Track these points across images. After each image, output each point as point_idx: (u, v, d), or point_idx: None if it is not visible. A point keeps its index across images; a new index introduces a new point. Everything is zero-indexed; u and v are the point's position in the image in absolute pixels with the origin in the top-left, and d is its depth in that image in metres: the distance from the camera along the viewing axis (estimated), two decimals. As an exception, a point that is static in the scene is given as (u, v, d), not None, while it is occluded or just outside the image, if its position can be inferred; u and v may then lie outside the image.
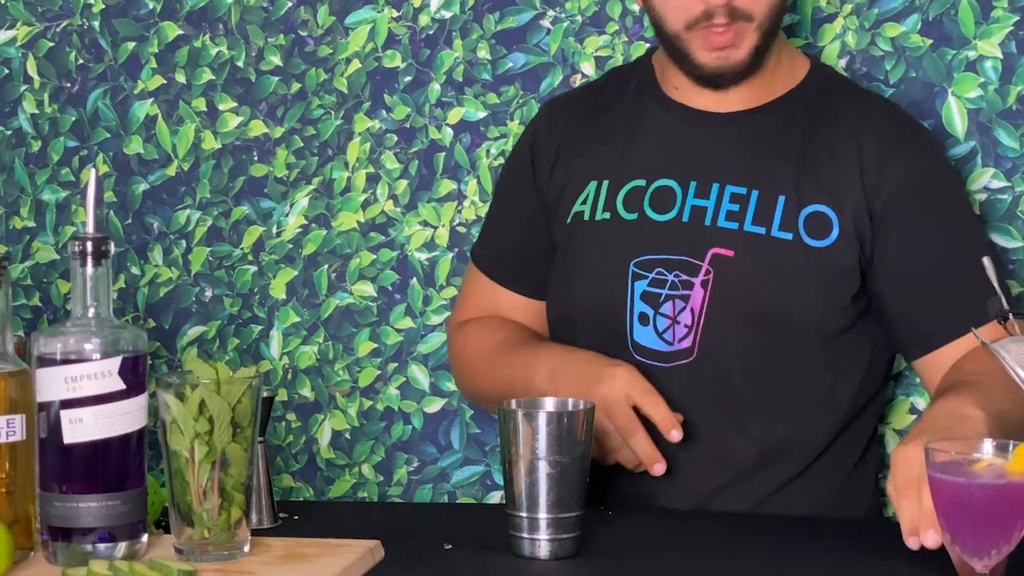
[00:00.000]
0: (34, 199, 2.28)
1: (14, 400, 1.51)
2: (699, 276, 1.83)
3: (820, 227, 1.83)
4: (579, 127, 1.95)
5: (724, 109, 1.89)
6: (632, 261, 1.85)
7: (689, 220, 1.85)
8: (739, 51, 1.83)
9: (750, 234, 1.83)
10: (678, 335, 1.83)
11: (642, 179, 1.88)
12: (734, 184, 1.85)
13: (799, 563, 1.56)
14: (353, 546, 1.55)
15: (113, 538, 1.50)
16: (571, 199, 1.92)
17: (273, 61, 2.22)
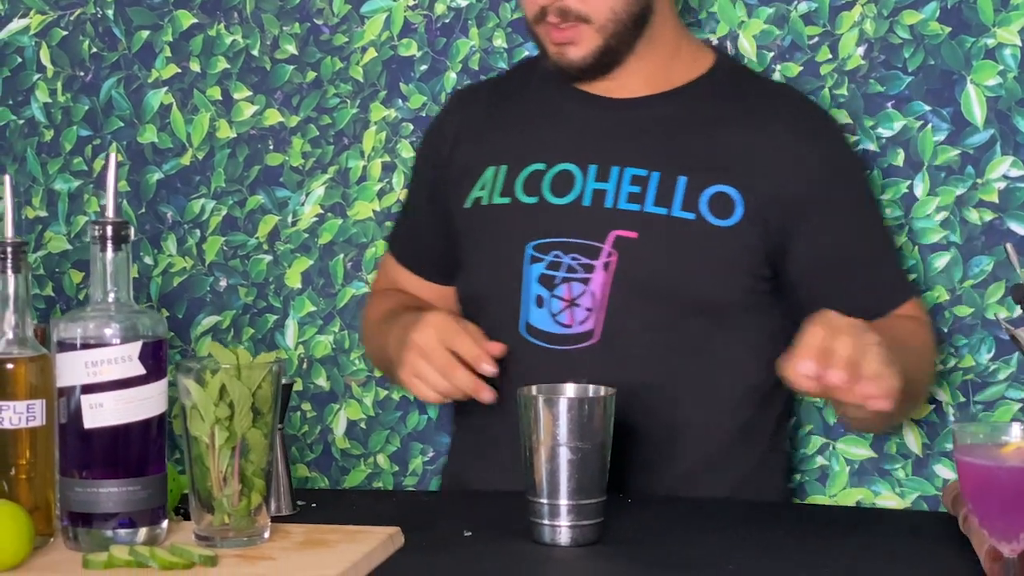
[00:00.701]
0: (46, 189, 2.27)
1: (34, 385, 1.50)
2: (601, 259, 1.84)
3: (723, 207, 1.85)
4: (479, 114, 1.97)
5: (623, 95, 1.91)
6: (530, 244, 1.86)
7: (590, 203, 1.86)
8: (578, 49, 1.85)
9: (652, 215, 1.84)
10: (578, 318, 1.84)
11: (542, 163, 1.90)
12: (634, 166, 1.87)
13: (822, 550, 1.56)
14: (373, 532, 1.55)
15: (133, 524, 1.49)
16: (469, 185, 1.94)
17: (288, 49, 2.22)
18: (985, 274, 2.06)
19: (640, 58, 1.89)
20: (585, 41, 1.85)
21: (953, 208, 2.06)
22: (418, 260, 2.03)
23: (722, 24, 2.11)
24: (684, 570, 1.49)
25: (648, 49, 1.89)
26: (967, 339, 2.06)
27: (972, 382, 2.07)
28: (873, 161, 2.08)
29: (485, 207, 1.91)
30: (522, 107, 1.95)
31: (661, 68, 1.91)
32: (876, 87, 2.08)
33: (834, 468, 2.10)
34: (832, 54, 2.09)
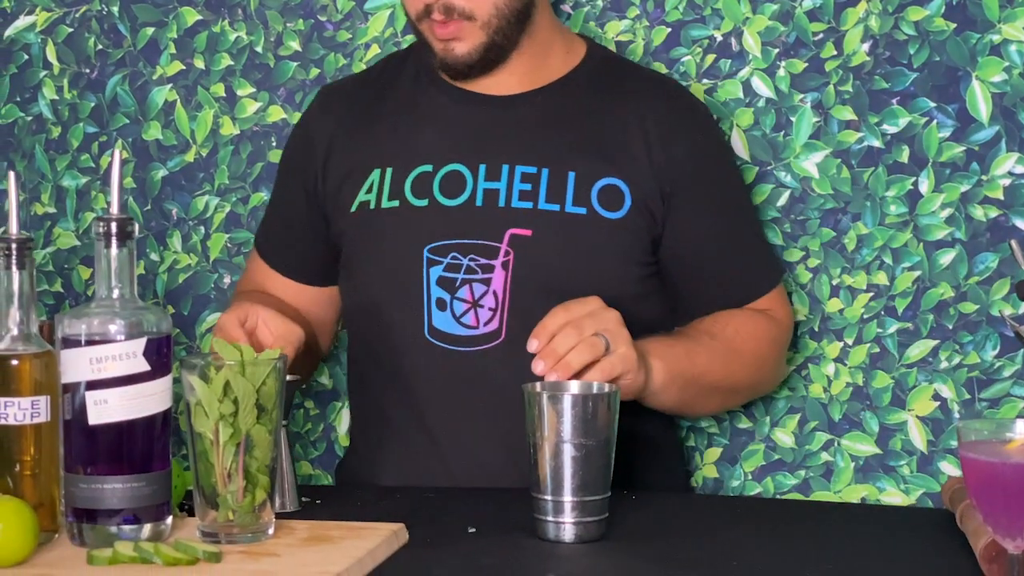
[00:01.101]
0: (54, 185, 2.27)
1: (39, 382, 1.51)
2: (499, 258, 1.85)
3: (613, 199, 1.87)
4: (355, 115, 1.96)
5: (502, 92, 1.91)
6: (426, 247, 1.86)
7: (483, 203, 1.87)
8: (463, 45, 1.85)
9: (545, 212, 1.86)
10: (482, 318, 1.85)
11: (429, 164, 1.90)
12: (524, 164, 1.87)
13: (826, 549, 1.56)
14: (378, 529, 1.55)
15: (138, 520, 1.49)
16: (354, 188, 1.92)
17: (292, 46, 2.22)
18: (990, 271, 2.06)
19: (520, 53, 1.90)
20: (469, 37, 1.85)
21: (958, 205, 2.06)
22: (290, 264, 1.99)
23: (726, 20, 2.10)
24: (688, 566, 1.49)
25: (527, 44, 1.90)
26: (972, 336, 2.06)
27: (977, 379, 2.07)
28: (878, 157, 2.08)
29: (373, 211, 1.90)
30: (400, 106, 1.94)
31: (539, 62, 1.92)
32: (881, 83, 2.07)
33: (839, 465, 2.10)
34: (837, 50, 2.08)
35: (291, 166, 2.00)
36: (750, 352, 1.90)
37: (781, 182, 2.10)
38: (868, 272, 2.09)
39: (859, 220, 2.08)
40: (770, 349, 1.94)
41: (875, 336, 2.09)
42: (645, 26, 2.13)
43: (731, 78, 2.11)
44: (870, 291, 2.09)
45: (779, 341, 1.96)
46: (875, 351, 2.09)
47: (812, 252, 2.10)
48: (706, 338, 1.86)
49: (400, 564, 1.50)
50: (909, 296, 2.08)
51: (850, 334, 2.10)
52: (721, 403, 1.96)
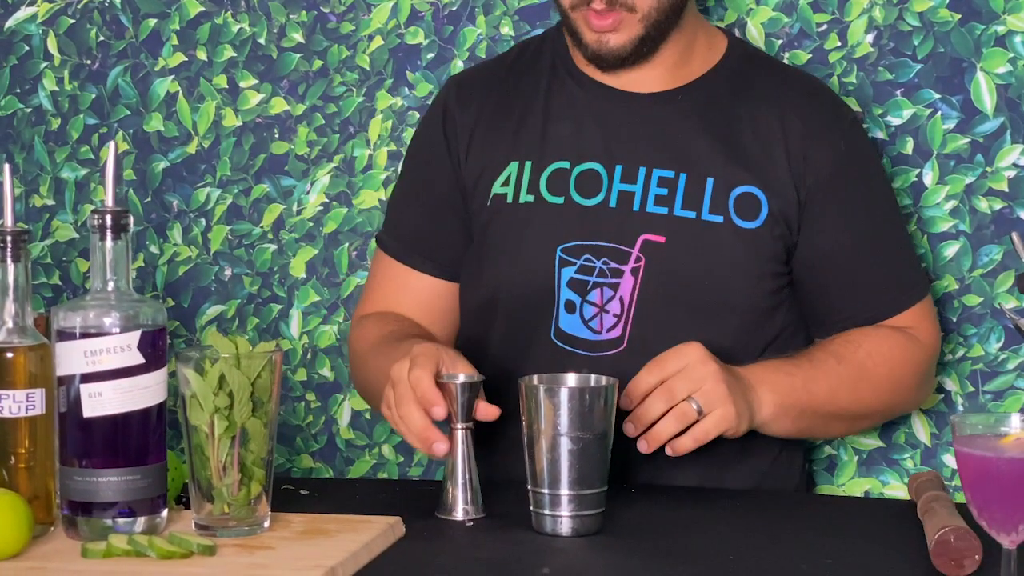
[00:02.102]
0: (53, 177, 2.27)
1: (34, 374, 1.50)
2: (629, 263, 1.81)
3: (750, 208, 1.82)
4: (494, 105, 1.90)
5: (644, 89, 1.86)
6: (559, 247, 1.82)
7: (617, 205, 1.82)
8: (619, 37, 1.80)
9: (680, 219, 1.81)
10: (606, 324, 1.81)
11: (565, 161, 1.85)
12: (661, 168, 1.83)
13: (823, 542, 1.55)
14: (374, 522, 1.54)
15: (133, 513, 1.49)
16: (490, 180, 1.87)
17: (295, 38, 2.21)
18: (995, 263, 2.05)
19: (667, 48, 1.85)
20: (627, 29, 1.80)
21: (962, 197, 2.05)
22: (436, 260, 1.92)
23: (730, 11, 2.09)
24: (685, 560, 1.49)
25: (675, 39, 1.85)
26: (976, 328, 2.05)
27: (981, 371, 2.06)
28: (882, 149, 2.07)
29: (510, 205, 1.85)
30: (536, 97, 1.89)
31: (683, 58, 1.87)
32: (885, 75, 2.06)
33: (842, 458, 2.09)
34: (841, 41, 2.07)
35: (429, 159, 1.92)
36: (883, 376, 1.83)
37: (784, 174, 2.09)
38: (871, 264, 2.07)
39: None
40: (909, 372, 1.86)
41: (878, 329, 2.08)
42: (648, 17, 2.12)
43: (734, 69, 2.09)
44: (873, 284, 2.08)
45: (920, 363, 1.87)
46: (878, 344, 2.08)
47: (815, 244, 2.09)
48: (832, 362, 1.79)
49: (397, 558, 1.50)
50: (913, 289, 2.06)
51: (853, 327, 2.08)
52: (847, 428, 1.91)
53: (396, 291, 1.94)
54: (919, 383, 1.89)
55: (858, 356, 1.81)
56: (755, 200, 1.82)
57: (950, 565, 1.41)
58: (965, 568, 1.41)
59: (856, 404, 1.82)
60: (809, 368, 1.78)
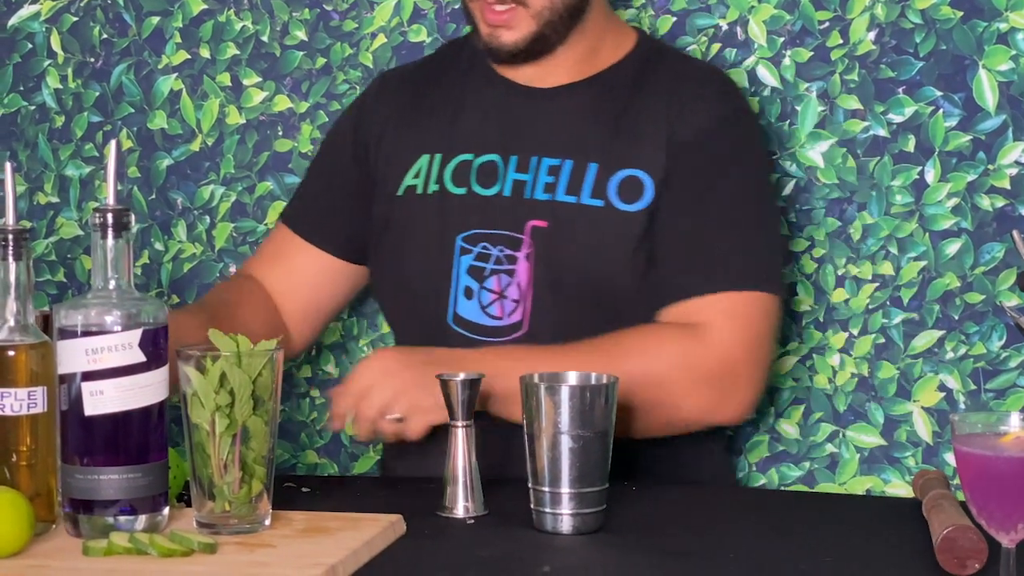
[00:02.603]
0: (58, 175, 2.28)
1: (35, 372, 1.51)
2: (522, 250, 1.85)
3: (633, 192, 1.85)
4: (409, 100, 1.96)
5: (548, 84, 1.90)
6: (459, 235, 1.87)
7: (511, 194, 1.87)
8: (511, 33, 1.85)
9: (562, 204, 1.85)
10: (507, 309, 1.85)
11: (469, 153, 1.90)
12: (550, 156, 1.87)
13: (824, 540, 1.55)
14: (375, 520, 1.54)
15: (134, 511, 1.49)
16: (402, 172, 1.93)
17: (298, 36, 2.21)
18: (996, 261, 2.05)
19: (569, 46, 1.89)
20: (520, 26, 1.85)
21: (964, 194, 2.05)
22: (327, 235, 1.98)
23: (732, 9, 2.09)
24: (686, 558, 1.49)
25: (578, 37, 1.89)
26: (978, 326, 2.05)
27: (983, 369, 2.06)
28: (884, 147, 2.07)
29: (419, 196, 1.91)
30: (450, 94, 1.95)
31: (587, 55, 1.91)
32: (887, 72, 2.06)
33: (844, 456, 2.09)
34: (843, 39, 2.07)
35: (344, 141, 1.99)
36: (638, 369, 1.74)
37: (786, 171, 2.09)
38: (873, 262, 2.08)
39: (865, 210, 2.07)
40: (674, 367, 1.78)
41: (880, 326, 2.08)
42: (651, 15, 2.12)
43: (736, 67, 2.10)
44: (875, 281, 2.08)
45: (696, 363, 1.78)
46: (880, 342, 2.08)
47: (817, 242, 2.09)
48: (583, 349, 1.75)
49: (397, 555, 1.50)
50: (915, 286, 2.07)
51: (855, 324, 2.09)
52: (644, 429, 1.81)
53: (285, 259, 1.99)
54: (698, 383, 1.79)
55: (619, 348, 1.76)
56: (639, 184, 1.85)
57: (953, 563, 1.41)
58: (967, 568, 1.41)
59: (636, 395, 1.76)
60: (549, 355, 1.74)
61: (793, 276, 2.09)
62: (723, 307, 1.80)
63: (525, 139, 1.89)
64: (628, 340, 1.79)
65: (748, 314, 1.81)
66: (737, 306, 1.81)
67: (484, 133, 1.91)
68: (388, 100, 1.97)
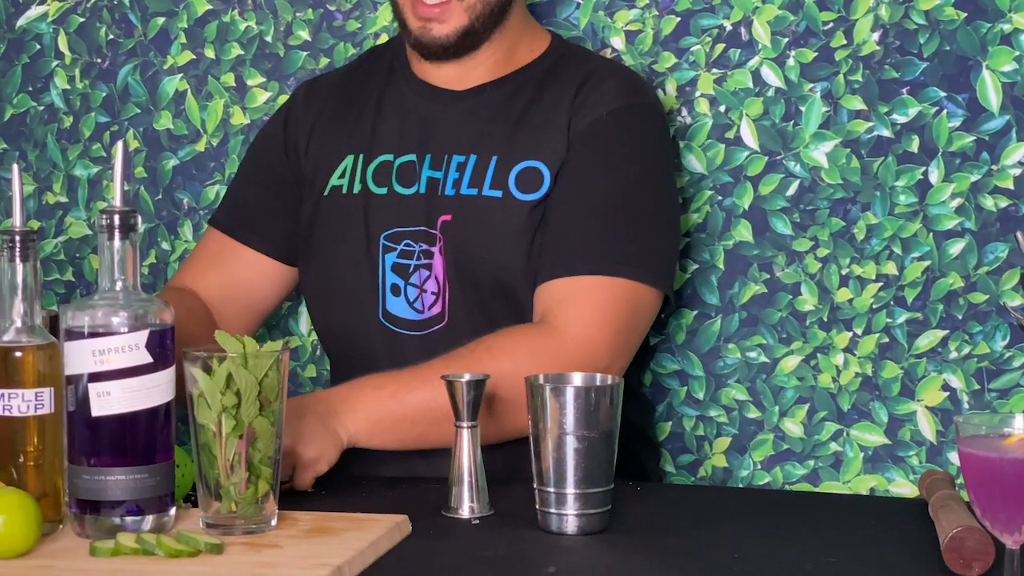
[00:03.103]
0: (66, 174, 2.28)
1: (42, 373, 1.51)
2: (437, 244, 1.89)
3: (531, 182, 1.88)
4: (335, 104, 1.99)
5: (465, 86, 1.94)
6: (382, 234, 1.91)
7: (426, 191, 1.91)
8: (443, 27, 1.88)
9: (465, 196, 1.89)
10: (427, 303, 1.90)
11: (390, 154, 1.94)
12: (458, 153, 1.91)
13: (827, 539, 1.56)
14: (380, 520, 1.55)
15: (141, 511, 1.50)
16: (328, 173, 1.96)
17: (302, 36, 2.22)
18: (1000, 261, 2.05)
19: (490, 46, 1.93)
20: (452, 19, 1.88)
21: (968, 195, 2.05)
22: (264, 237, 1.99)
23: (736, 9, 2.10)
24: (690, 558, 1.49)
25: (499, 37, 1.93)
26: (982, 326, 2.06)
27: (987, 369, 2.06)
28: (888, 147, 2.07)
29: (344, 196, 1.94)
30: (372, 97, 1.98)
31: (505, 55, 1.94)
32: (891, 73, 2.07)
33: (848, 455, 2.10)
34: (847, 40, 2.08)
35: (273, 144, 2.02)
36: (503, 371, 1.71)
37: (790, 172, 2.10)
38: (877, 262, 2.08)
39: (869, 210, 2.08)
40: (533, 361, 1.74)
41: (884, 326, 2.08)
42: (654, 15, 2.12)
43: (740, 68, 2.10)
44: (879, 281, 2.08)
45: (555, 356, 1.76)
46: (884, 341, 2.08)
47: (821, 242, 2.09)
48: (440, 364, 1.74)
49: (403, 556, 1.50)
50: (918, 286, 2.07)
51: (859, 324, 2.09)
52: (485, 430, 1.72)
53: (220, 264, 2.00)
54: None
55: (475, 354, 1.76)
56: (538, 174, 1.88)
57: (959, 563, 1.42)
58: (973, 570, 1.42)
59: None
60: (408, 377, 1.75)
61: (797, 276, 2.09)
62: (581, 290, 1.80)
63: (440, 139, 1.93)
64: (484, 344, 1.78)
65: (606, 299, 1.80)
66: (596, 291, 1.80)
67: (403, 134, 1.94)
68: (314, 105, 2.00)
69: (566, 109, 1.90)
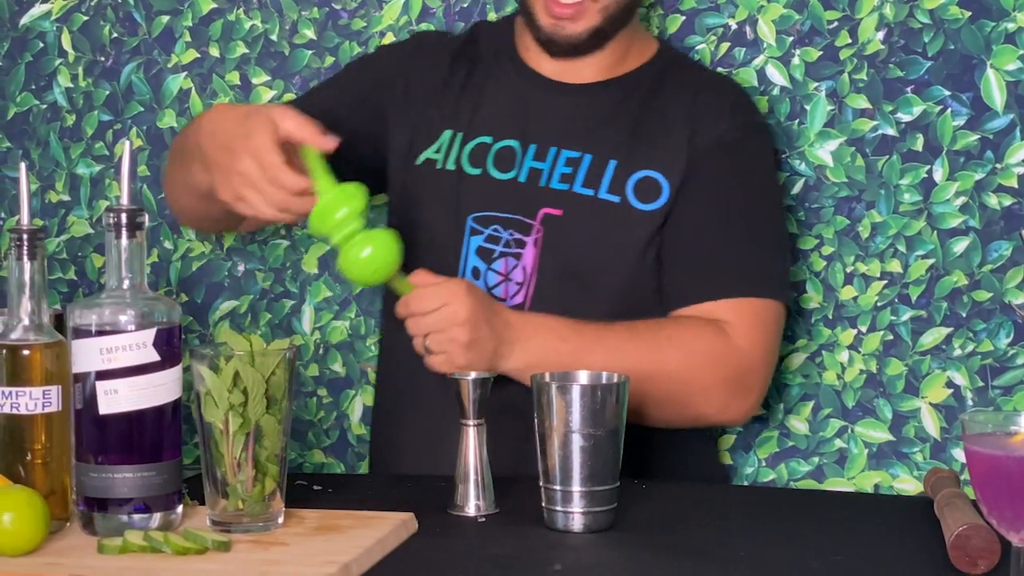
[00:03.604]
0: (69, 173, 2.28)
1: (50, 371, 1.51)
2: (531, 235, 1.88)
3: (650, 191, 1.88)
4: (441, 73, 1.98)
5: (571, 80, 1.93)
6: (470, 216, 1.90)
7: (526, 180, 1.90)
8: (575, 26, 1.88)
9: (579, 195, 1.88)
10: (510, 291, 1.88)
11: (488, 136, 1.93)
12: (569, 149, 1.90)
13: (833, 536, 1.56)
14: (387, 518, 1.55)
15: (148, 509, 1.50)
16: (423, 143, 1.95)
17: (307, 34, 2.22)
18: (1004, 259, 2.05)
19: (610, 44, 1.92)
20: (585, 18, 1.88)
21: (972, 193, 2.05)
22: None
23: (741, 8, 2.10)
24: (697, 557, 1.49)
25: (617, 37, 1.93)
26: (986, 324, 2.06)
27: (991, 367, 2.06)
28: (892, 146, 2.07)
29: (437, 171, 1.93)
30: (478, 77, 1.97)
31: (617, 58, 1.94)
32: (896, 72, 2.07)
33: (852, 451, 2.10)
34: (852, 39, 2.08)
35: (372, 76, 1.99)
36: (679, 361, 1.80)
37: (795, 170, 2.10)
38: (882, 260, 2.08)
39: (873, 208, 2.08)
40: (709, 363, 1.82)
41: (889, 323, 2.09)
42: (660, 14, 2.12)
43: (745, 66, 2.10)
44: (884, 279, 2.09)
45: (725, 360, 1.82)
46: (889, 338, 2.09)
47: (826, 240, 2.10)
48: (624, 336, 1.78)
49: (410, 553, 1.50)
50: (923, 284, 2.07)
51: (864, 321, 2.09)
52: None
53: None
54: (722, 381, 1.83)
55: (657, 337, 1.81)
56: (656, 184, 1.88)
57: (964, 561, 1.42)
58: (979, 567, 1.42)
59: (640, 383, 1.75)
60: (592, 338, 1.79)
61: (802, 274, 2.10)
62: (744, 310, 1.85)
63: (545, 130, 1.92)
64: (666, 330, 1.82)
65: (766, 320, 1.87)
66: (757, 311, 1.86)
67: (505, 119, 1.93)
68: (421, 64, 1.98)
69: (684, 121, 1.89)
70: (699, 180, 1.88)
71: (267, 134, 1.69)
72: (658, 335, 1.81)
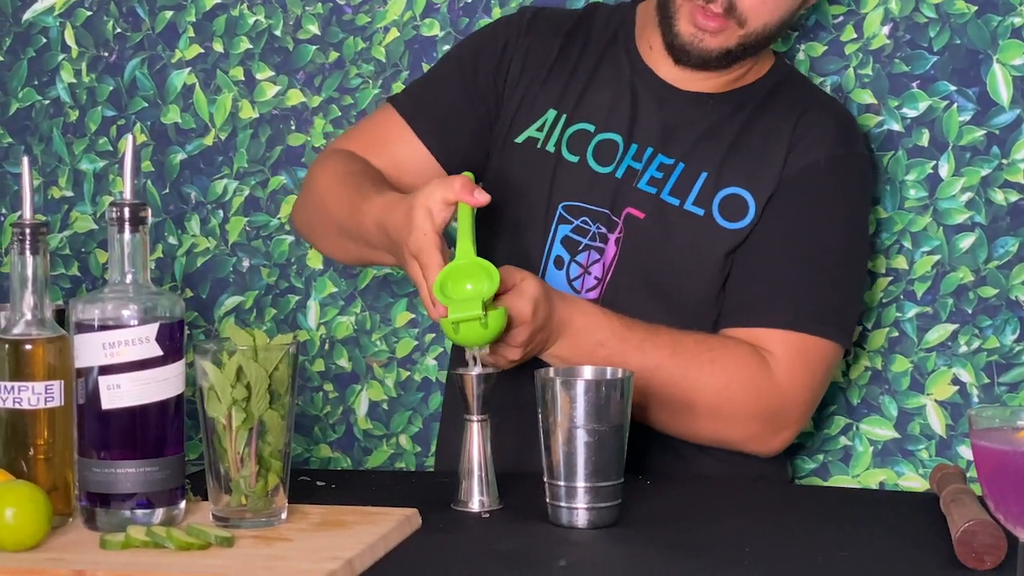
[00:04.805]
0: (72, 169, 2.28)
1: (52, 366, 1.51)
2: (615, 233, 1.86)
3: (735, 210, 1.85)
4: (553, 51, 1.94)
5: (686, 88, 1.90)
6: (561, 204, 1.88)
7: (621, 178, 1.88)
8: (714, 40, 1.84)
9: (664, 202, 1.86)
10: (587, 285, 1.87)
11: (591, 124, 1.91)
12: (665, 154, 1.88)
13: (838, 533, 1.55)
14: (390, 514, 1.55)
15: (151, 504, 1.50)
16: (526, 119, 1.93)
17: (311, 30, 2.22)
18: (1010, 255, 2.05)
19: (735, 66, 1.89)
20: (725, 37, 1.84)
21: (978, 188, 2.05)
22: (441, 137, 1.94)
23: (746, 3, 2.09)
24: (701, 552, 1.49)
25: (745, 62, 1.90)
26: (992, 320, 2.05)
27: (996, 363, 2.06)
28: (898, 141, 2.07)
29: (537, 151, 1.90)
30: (589, 59, 1.94)
31: (739, 74, 1.91)
32: (901, 67, 2.06)
33: (857, 449, 2.09)
34: (857, 33, 2.07)
35: (485, 60, 1.95)
36: (714, 384, 1.78)
37: (800, 166, 2.09)
38: (887, 256, 2.08)
39: (879, 204, 2.07)
40: (742, 389, 1.79)
41: (894, 320, 2.08)
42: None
43: (750, 61, 2.09)
44: (889, 275, 2.08)
45: (760, 389, 1.79)
46: (894, 335, 2.08)
47: (831, 236, 2.09)
48: (667, 346, 1.77)
49: (413, 549, 1.50)
50: (928, 280, 2.07)
51: (869, 318, 2.09)
52: (655, 418, 1.81)
53: (386, 144, 1.95)
54: (754, 414, 1.81)
55: (699, 359, 1.78)
56: (743, 203, 1.85)
57: (971, 556, 1.42)
58: (985, 563, 1.41)
59: (672, 397, 1.77)
60: (635, 342, 1.76)
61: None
62: (794, 345, 1.81)
63: (648, 131, 1.89)
64: (711, 351, 1.78)
65: (815, 360, 1.83)
66: (807, 348, 1.82)
67: (612, 111, 1.90)
68: (534, 41, 1.94)
69: (784, 141, 1.86)
70: (784, 203, 1.84)
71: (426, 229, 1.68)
72: (700, 356, 1.78)
